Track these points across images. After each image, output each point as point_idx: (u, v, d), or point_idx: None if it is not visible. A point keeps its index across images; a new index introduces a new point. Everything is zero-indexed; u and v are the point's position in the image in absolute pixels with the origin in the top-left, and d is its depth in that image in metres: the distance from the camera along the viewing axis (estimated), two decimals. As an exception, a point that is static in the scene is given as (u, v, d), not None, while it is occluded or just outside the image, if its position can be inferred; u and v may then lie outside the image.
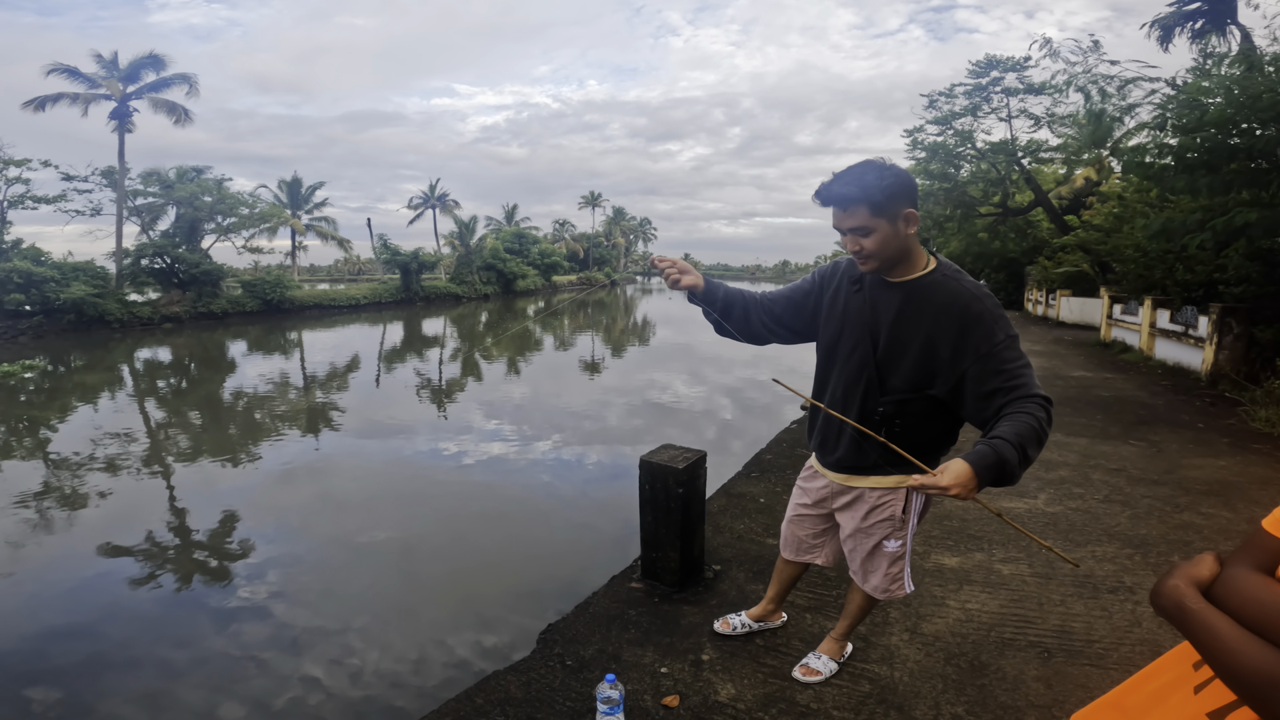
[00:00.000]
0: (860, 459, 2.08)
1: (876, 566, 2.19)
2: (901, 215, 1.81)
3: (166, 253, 25.77)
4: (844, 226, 1.85)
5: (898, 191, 1.78)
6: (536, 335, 21.46)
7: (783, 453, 5.69)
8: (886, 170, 1.79)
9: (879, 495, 2.10)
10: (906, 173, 1.83)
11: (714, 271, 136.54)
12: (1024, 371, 1.77)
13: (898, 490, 2.08)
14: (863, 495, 2.13)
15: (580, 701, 2.39)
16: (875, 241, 1.82)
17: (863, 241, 1.83)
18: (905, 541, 2.14)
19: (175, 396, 12.18)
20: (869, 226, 1.81)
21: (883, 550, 2.16)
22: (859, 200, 1.79)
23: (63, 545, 5.17)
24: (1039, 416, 1.68)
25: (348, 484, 6.60)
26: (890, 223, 1.80)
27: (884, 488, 2.09)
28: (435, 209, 50.57)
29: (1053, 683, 2.46)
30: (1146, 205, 12.37)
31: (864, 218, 1.80)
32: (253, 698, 3.17)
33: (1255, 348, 8.77)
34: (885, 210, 1.79)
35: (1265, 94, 7.04)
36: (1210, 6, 13.39)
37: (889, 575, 2.18)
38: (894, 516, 2.10)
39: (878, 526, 2.12)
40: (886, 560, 2.17)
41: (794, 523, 2.41)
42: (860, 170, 1.80)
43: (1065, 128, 20.76)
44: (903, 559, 2.17)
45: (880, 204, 1.78)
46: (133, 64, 25.79)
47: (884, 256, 1.85)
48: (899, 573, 2.18)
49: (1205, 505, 4.36)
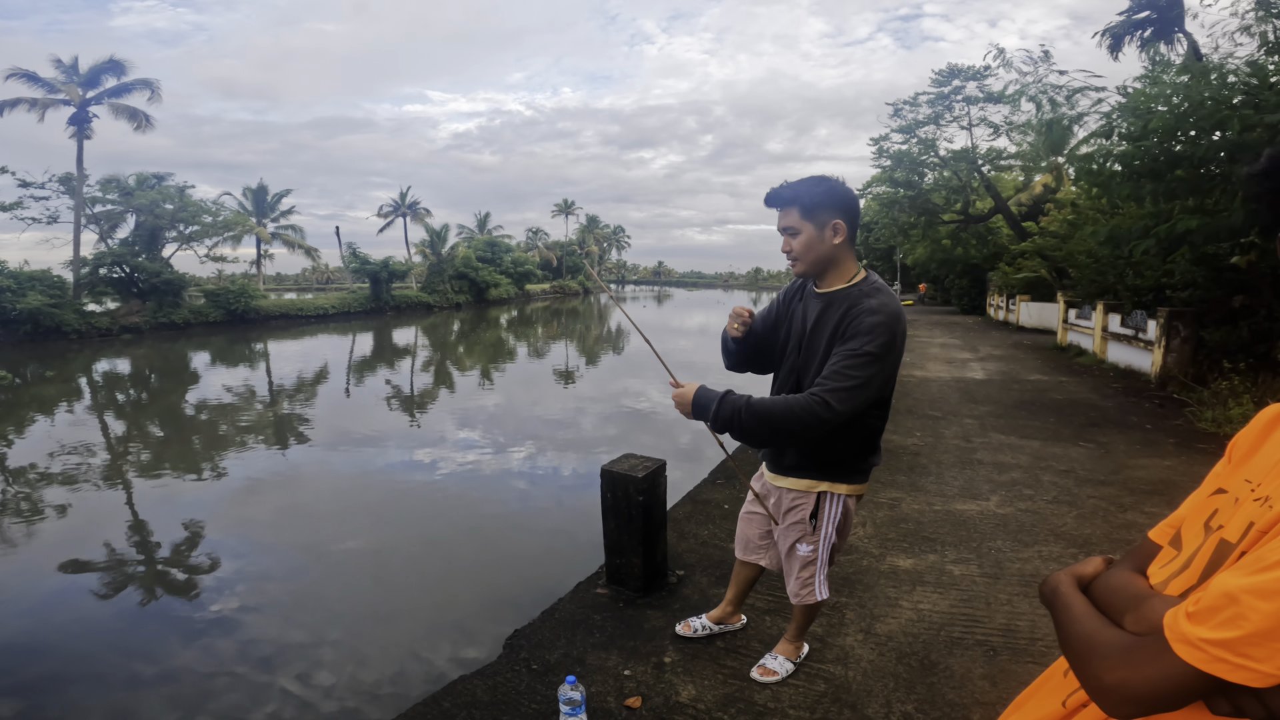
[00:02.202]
0: (779, 457, 2.24)
1: (791, 569, 2.31)
2: (829, 224, 1.99)
3: (126, 261, 25.22)
4: (779, 226, 2.06)
5: (827, 201, 1.98)
6: (510, 344, 21.39)
7: (748, 459, 5.81)
8: (826, 183, 1.99)
9: (792, 497, 2.23)
10: (847, 190, 2.01)
11: (687, 279, 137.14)
12: (841, 374, 1.90)
13: (808, 494, 2.20)
14: (781, 493, 2.27)
15: (545, 704, 2.45)
16: (801, 243, 2.03)
17: (791, 242, 2.04)
18: (816, 548, 2.23)
19: (136, 409, 11.95)
20: (796, 227, 2.02)
21: (796, 553, 2.27)
22: (791, 202, 2.01)
23: (21, 560, 5.08)
24: (795, 405, 1.89)
25: (317, 495, 6.57)
26: (817, 228, 2.00)
27: (796, 490, 2.21)
28: (406, 217, 50.12)
29: (998, 680, 2.57)
30: (1097, 212, 12.76)
31: (794, 219, 2.02)
32: (223, 712, 3.17)
33: (1203, 350, 9.10)
34: (813, 215, 1.99)
35: (1208, 101, 7.33)
36: (1159, 15, 13.79)
37: (800, 579, 2.29)
38: (804, 520, 2.22)
39: (791, 529, 2.25)
40: (799, 564, 2.28)
41: (744, 521, 2.56)
42: (803, 180, 2.02)
43: (1023, 135, 21.35)
44: (814, 564, 2.26)
45: (808, 208, 1.98)
46: (93, 69, 25.28)
47: (808, 260, 2.04)
48: (809, 578, 2.28)
49: (1149, 505, 4.55)
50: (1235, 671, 0.62)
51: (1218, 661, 0.62)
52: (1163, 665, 0.66)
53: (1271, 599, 0.61)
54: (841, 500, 2.21)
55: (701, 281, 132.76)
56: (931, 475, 5.23)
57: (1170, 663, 0.66)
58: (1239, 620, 0.62)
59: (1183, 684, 0.65)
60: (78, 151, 25.30)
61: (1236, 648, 0.62)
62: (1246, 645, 0.61)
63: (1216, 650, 0.63)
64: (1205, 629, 0.64)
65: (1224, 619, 0.63)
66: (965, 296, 29.76)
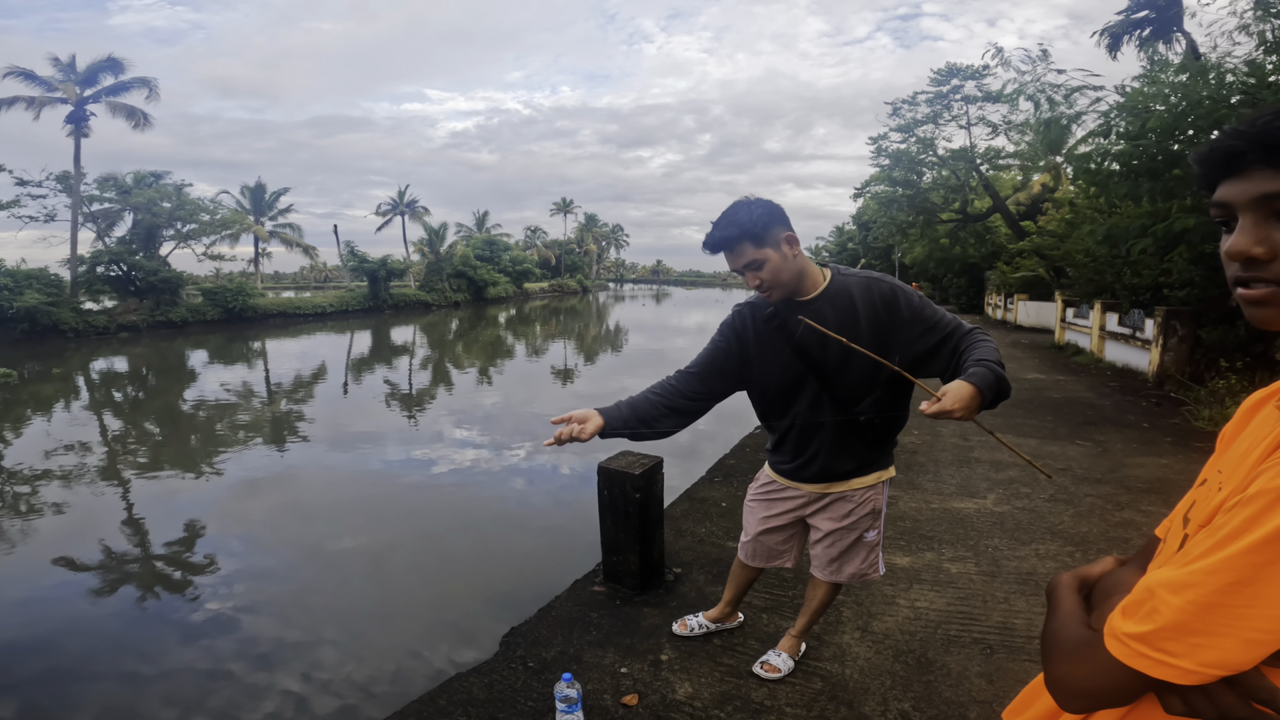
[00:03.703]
0: (838, 467, 2.19)
1: (854, 556, 2.33)
2: (782, 240, 1.92)
3: (123, 260, 25.19)
4: (738, 266, 1.95)
5: (769, 220, 1.90)
6: (508, 342, 21.39)
7: (745, 457, 5.81)
8: (754, 205, 1.92)
9: (862, 493, 2.24)
10: (771, 202, 1.95)
11: (686, 278, 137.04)
12: (950, 318, 1.97)
13: (878, 485, 2.25)
14: (844, 496, 2.24)
15: (541, 701, 2.45)
16: (770, 271, 1.93)
17: (759, 275, 1.93)
18: (879, 530, 2.32)
19: (133, 407, 11.93)
20: (758, 259, 1.91)
21: (863, 541, 2.31)
22: (739, 238, 1.91)
23: (18, 558, 5.07)
24: (989, 343, 1.88)
25: (315, 494, 6.56)
26: (775, 249, 1.92)
27: (865, 486, 2.23)
28: (404, 215, 50.11)
29: (994, 678, 2.57)
30: (1095, 211, 12.77)
31: (750, 253, 1.91)
32: (221, 710, 3.17)
33: (1200, 349, 9.11)
34: (765, 240, 1.90)
35: (1206, 101, 7.34)
36: (1157, 15, 13.79)
37: (868, 561, 2.35)
38: (876, 509, 2.27)
39: (860, 521, 2.26)
40: (866, 549, 2.33)
41: (763, 536, 2.45)
42: (731, 212, 1.93)
43: (1021, 134, 21.39)
44: (879, 544, 2.35)
45: (759, 235, 1.89)
46: (91, 67, 25.26)
47: (782, 282, 1.96)
48: (875, 559, 2.36)
49: (1145, 503, 4.56)
50: (1156, 667, 0.61)
51: (1139, 656, 0.62)
52: (1098, 660, 0.66)
53: (1181, 592, 0.60)
54: (889, 481, 2.30)
55: (700, 280, 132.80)
56: (929, 473, 5.24)
57: (1103, 658, 0.65)
58: (1154, 614, 0.61)
59: (1115, 679, 0.65)
60: (75, 150, 25.28)
61: (1153, 642, 0.61)
62: (1161, 639, 0.60)
63: (1136, 645, 0.62)
64: (1130, 623, 0.63)
65: (1144, 613, 0.62)
66: (963, 295, 29.79)
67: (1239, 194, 0.66)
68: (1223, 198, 0.68)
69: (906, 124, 23.83)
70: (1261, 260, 0.65)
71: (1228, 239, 0.68)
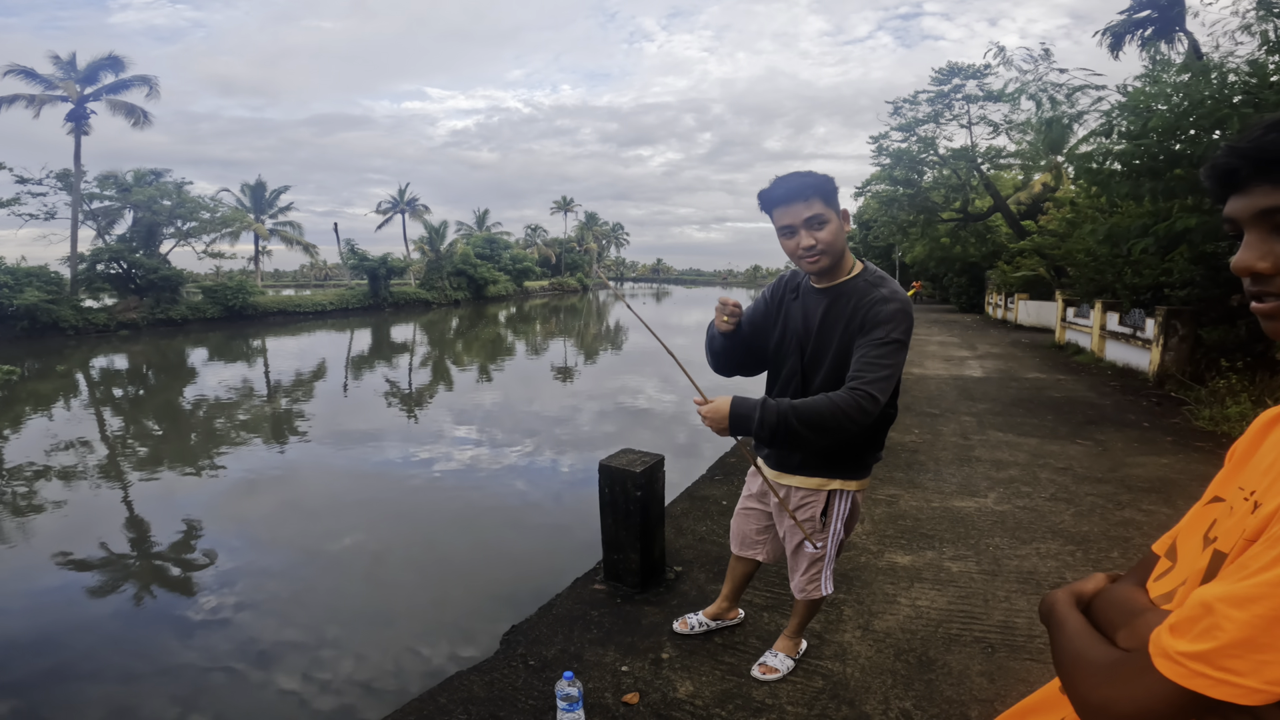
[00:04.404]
0: (785, 456, 2.20)
1: (798, 565, 2.30)
2: (842, 211, 1.95)
3: (123, 257, 25.17)
4: (800, 219, 1.90)
5: (833, 190, 1.92)
6: (508, 341, 21.39)
7: (745, 456, 5.80)
8: (821, 175, 1.93)
9: (802, 495, 2.21)
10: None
11: (686, 276, 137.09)
12: (875, 364, 1.87)
13: (818, 492, 2.18)
14: (789, 494, 2.24)
15: (542, 700, 2.45)
16: (830, 232, 1.92)
17: (818, 235, 1.91)
18: (825, 544, 2.24)
19: (133, 405, 11.92)
20: (825, 216, 1.91)
21: (803, 550, 2.26)
22: (814, 190, 1.89)
23: (19, 556, 5.07)
24: (840, 402, 1.82)
25: (315, 492, 6.56)
26: (838, 216, 1.94)
27: (806, 488, 2.19)
28: (404, 214, 50.09)
29: (995, 677, 2.56)
30: (1096, 210, 12.76)
31: (820, 207, 1.90)
32: (221, 708, 3.17)
33: (1200, 349, 9.10)
34: (833, 202, 1.92)
35: (1208, 100, 7.32)
36: (1159, 14, 13.77)
37: (807, 575, 2.29)
38: (814, 518, 2.20)
39: (804, 524, 2.22)
40: (806, 560, 2.27)
41: (740, 516, 2.54)
42: (799, 173, 1.93)
43: (1022, 134, 21.36)
44: (822, 561, 2.26)
45: (830, 194, 1.91)
46: (91, 65, 25.24)
47: (835, 250, 1.95)
48: (817, 574, 2.28)
49: (1146, 502, 4.56)
50: (1217, 687, 0.57)
51: (1197, 676, 0.58)
52: (1146, 682, 0.62)
53: (1246, 606, 0.57)
54: (850, 496, 2.21)
55: (700, 279, 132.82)
56: (930, 472, 5.23)
57: (1153, 679, 0.62)
58: (1214, 631, 0.58)
59: (1168, 701, 0.61)
60: (75, 148, 25.27)
61: (1214, 660, 0.57)
62: (1224, 657, 0.57)
63: (1195, 664, 0.59)
64: (1184, 641, 0.60)
65: (1201, 630, 0.59)
66: (964, 295, 29.78)
67: (1242, 210, 0.66)
68: (1229, 213, 0.68)
69: (907, 123, 23.80)
70: (1267, 275, 0.65)
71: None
